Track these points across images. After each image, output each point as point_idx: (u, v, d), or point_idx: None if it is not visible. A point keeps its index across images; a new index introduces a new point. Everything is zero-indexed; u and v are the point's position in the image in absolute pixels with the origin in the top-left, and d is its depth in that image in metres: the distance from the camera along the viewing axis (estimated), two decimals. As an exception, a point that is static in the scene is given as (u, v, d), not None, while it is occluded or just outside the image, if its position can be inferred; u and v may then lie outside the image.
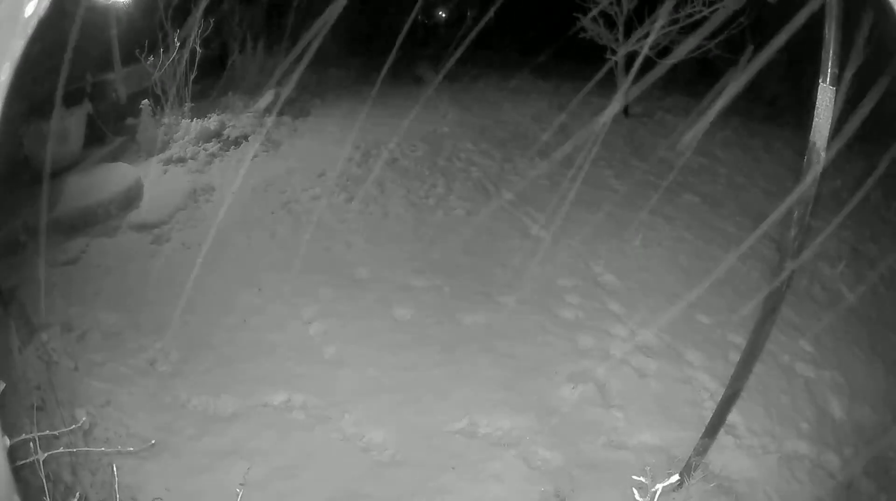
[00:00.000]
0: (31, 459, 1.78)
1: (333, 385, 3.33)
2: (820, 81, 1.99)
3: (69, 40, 4.76)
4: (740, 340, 3.76)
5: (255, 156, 6.62)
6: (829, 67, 1.96)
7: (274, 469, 2.77)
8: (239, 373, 3.41)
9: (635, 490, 1.61)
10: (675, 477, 1.80)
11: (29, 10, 0.80)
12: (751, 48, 8.67)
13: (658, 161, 7.26)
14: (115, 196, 5.23)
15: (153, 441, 2.64)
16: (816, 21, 1.97)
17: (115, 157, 6.26)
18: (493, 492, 2.67)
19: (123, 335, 3.76)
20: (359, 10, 11.21)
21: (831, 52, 1.94)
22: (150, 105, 6.47)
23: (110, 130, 6.52)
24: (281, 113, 7.95)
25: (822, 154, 2.03)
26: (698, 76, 9.86)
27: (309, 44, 8.12)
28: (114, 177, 5.50)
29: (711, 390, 3.36)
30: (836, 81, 1.97)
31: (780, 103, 9.57)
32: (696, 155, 7.53)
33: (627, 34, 8.67)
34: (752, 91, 10.06)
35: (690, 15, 7.94)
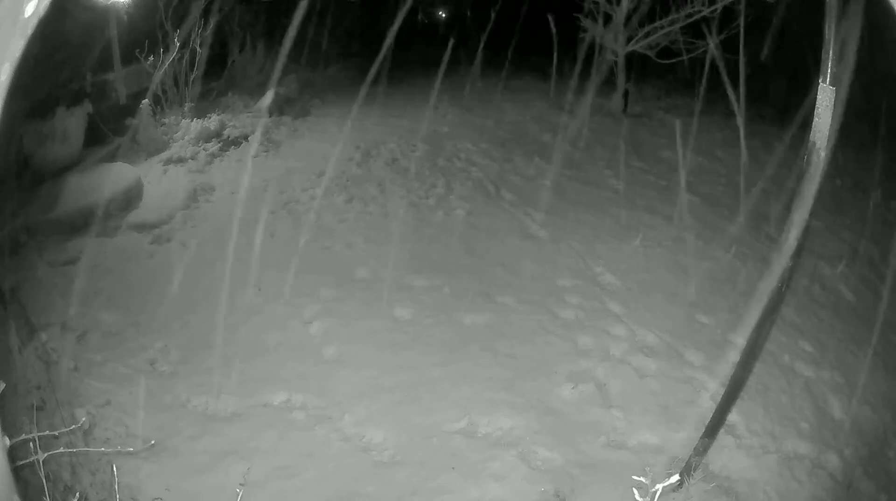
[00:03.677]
0: (31, 459, 1.78)
1: (333, 385, 3.32)
2: (820, 81, 1.99)
3: (69, 40, 4.76)
4: (740, 340, 3.75)
5: (255, 156, 6.62)
6: (829, 67, 1.96)
7: (274, 469, 2.77)
8: (239, 373, 3.41)
9: (635, 490, 1.61)
10: (675, 477, 1.80)
11: (29, 10, 0.80)
12: (751, 48, 8.66)
13: (658, 161, 7.25)
14: (115, 196, 5.23)
15: (153, 441, 2.64)
16: (816, 21, 1.97)
17: (115, 157, 6.26)
18: (493, 492, 2.67)
19: (123, 335, 3.76)
20: (359, 10, 11.22)
21: (831, 52, 1.94)
22: (150, 105, 6.47)
23: (110, 130, 6.52)
24: (281, 113, 7.96)
25: (822, 154, 2.03)
26: (698, 76, 9.85)
27: (309, 44, 8.11)
28: (114, 177, 5.50)
29: (711, 390, 3.35)
30: (836, 81, 1.97)
31: (780, 103, 9.56)
32: (696, 155, 7.52)
33: (627, 34, 8.67)
34: (752, 91, 10.06)
35: (690, 15, 7.94)
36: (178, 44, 6.77)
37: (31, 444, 1.82)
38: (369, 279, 4.38)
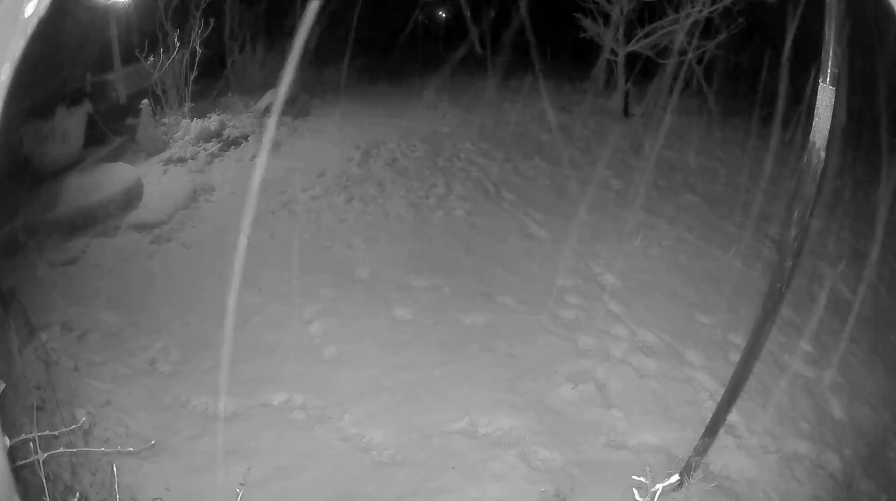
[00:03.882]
0: (31, 459, 1.78)
1: (333, 385, 3.32)
2: (820, 81, 1.99)
3: (69, 40, 4.76)
4: (740, 340, 3.76)
5: (254, 156, 6.63)
6: (829, 67, 1.96)
7: (274, 469, 2.77)
8: (239, 373, 3.41)
9: (635, 490, 1.61)
10: (675, 477, 1.80)
11: (29, 10, 0.80)
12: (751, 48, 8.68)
13: (658, 161, 7.26)
14: (115, 196, 5.23)
15: (153, 441, 2.64)
16: (816, 21, 1.98)
17: (115, 157, 6.26)
18: (493, 492, 2.67)
19: (123, 335, 3.76)
20: (359, 10, 11.22)
21: (831, 52, 1.94)
22: (150, 105, 6.48)
23: (110, 130, 6.52)
24: (281, 113, 7.96)
25: (822, 154, 2.03)
26: (698, 76, 9.85)
27: (309, 44, 8.10)
28: (114, 177, 5.50)
29: (711, 390, 3.36)
30: (836, 81, 1.97)
31: (779, 103, 9.57)
32: (696, 155, 7.53)
33: (627, 35, 8.68)
34: (752, 91, 10.07)
35: (689, 15, 7.95)
36: (177, 44, 6.77)
37: (31, 444, 1.82)
38: (369, 279, 4.38)
